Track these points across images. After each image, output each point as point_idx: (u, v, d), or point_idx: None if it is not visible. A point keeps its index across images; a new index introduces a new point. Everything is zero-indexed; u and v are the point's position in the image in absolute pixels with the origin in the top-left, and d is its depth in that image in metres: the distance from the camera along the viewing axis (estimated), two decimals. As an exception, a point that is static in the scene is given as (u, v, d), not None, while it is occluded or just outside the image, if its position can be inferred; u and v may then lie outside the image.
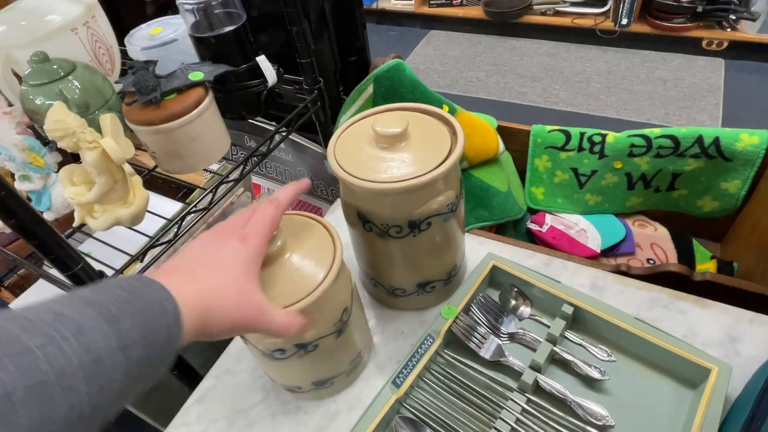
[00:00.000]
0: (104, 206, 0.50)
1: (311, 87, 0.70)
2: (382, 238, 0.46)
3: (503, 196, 0.96)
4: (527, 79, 2.08)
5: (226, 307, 0.31)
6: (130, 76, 0.56)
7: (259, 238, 0.35)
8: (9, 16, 0.70)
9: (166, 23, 0.67)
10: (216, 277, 0.32)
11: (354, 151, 0.45)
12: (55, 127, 0.44)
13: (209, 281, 0.32)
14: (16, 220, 0.38)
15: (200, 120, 0.55)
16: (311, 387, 0.48)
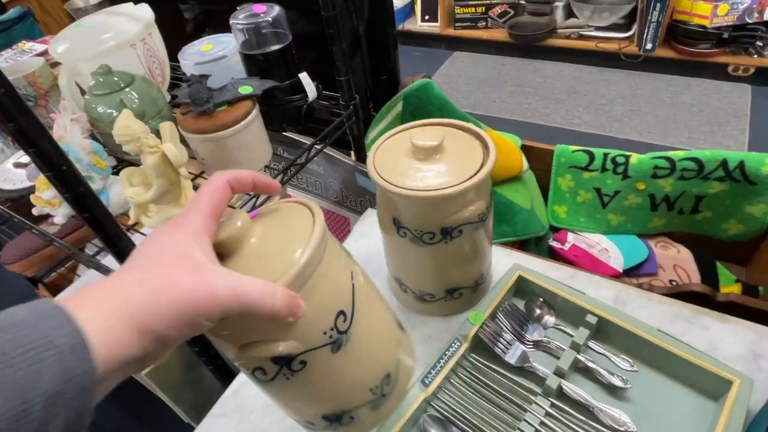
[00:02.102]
0: (158, 206, 0.54)
1: (347, 103, 0.74)
2: (415, 243, 0.49)
3: (526, 214, 0.98)
4: (550, 100, 2.11)
5: (154, 291, 0.25)
6: (185, 88, 0.61)
7: (193, 213, 0.29)
8: (74, 32, 0.76)
9: (216, 41, 0.72)
10: (136, 269, 0.26)
11: (392, 162, 0.48)
12: (123, 132, 0.49)
13: (128, 277, 0.25)
14: (90, 214, 0.42)
15: (248, 130, 0.60)
16: (324, 423, 0.38)
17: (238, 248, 0.31)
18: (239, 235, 0.31)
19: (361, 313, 0.36)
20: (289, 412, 0.42)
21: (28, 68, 0.74)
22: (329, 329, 0.33)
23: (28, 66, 0.75)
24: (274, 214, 0.35)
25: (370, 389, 0.38)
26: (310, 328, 0.32)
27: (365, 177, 0.82)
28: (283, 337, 0.31)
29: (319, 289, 0.32)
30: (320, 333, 0.33)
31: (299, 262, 0.30)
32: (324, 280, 0.32)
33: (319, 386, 0.36)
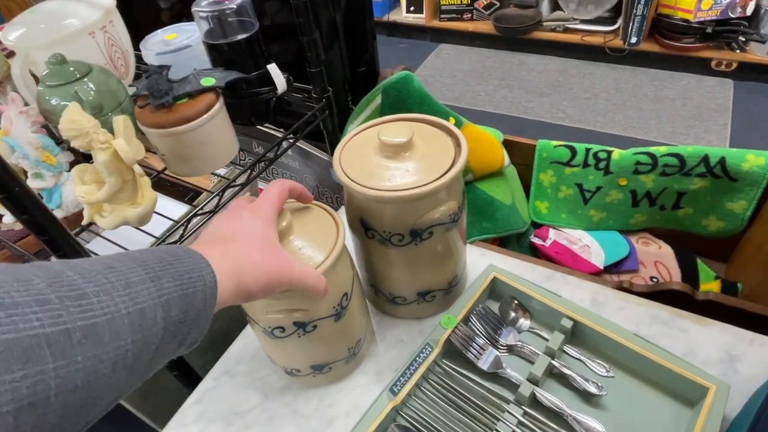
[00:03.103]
0: (113, 206, 0.51)
1: (320, 96, 0.71)
2: (383, 245, 0.47)
3: (507, 209, 0.96)
4: (535, 94, 2.09)
5: (257, 264, 0.34)
6: (143, 80, 0.58)
7: (269, 208, 0.39)
8: (30, 18, 0.72)
9: (181, 30, 0.69)
10: (241, 241, 0.35)
11: (359, 159, 0.46)
12: (70, 127, 0.45)
13: (237, 246, 0.35)
14: (28, 216, 0.39)
15: (210, 124, 0.56)
16: (309, 371, 0.49)
17: (281, 240, 0.41)
18: (284, 231, 0.41)
19: (354, 294, 0.47)
20: (282, 362, 0.50)
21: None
22: (337, 305, 0.45)
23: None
24: (303, 214, 0.45)
25: (348, 348, 0.50)
26: (326, 304, 0.44)
27: (340, 173, 0.80)
28: (307, 307, 0.42)
29: (334, 279, 0.43)
30: (330, 307, 0.44)
31: (330, 258, 0.41)
32: (340, 270, 0.44)
33: (318, 344, 0.47)
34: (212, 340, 0.71)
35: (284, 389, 0.52)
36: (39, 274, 0.22)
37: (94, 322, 0.22)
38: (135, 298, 0.25)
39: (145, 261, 0.27)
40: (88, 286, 0.23)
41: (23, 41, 0.67)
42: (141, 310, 0.25)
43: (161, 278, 0.27)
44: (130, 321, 0.24)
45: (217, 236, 0.36)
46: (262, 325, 0.44)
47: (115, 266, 0.26)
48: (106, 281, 0.24)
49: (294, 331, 0.44)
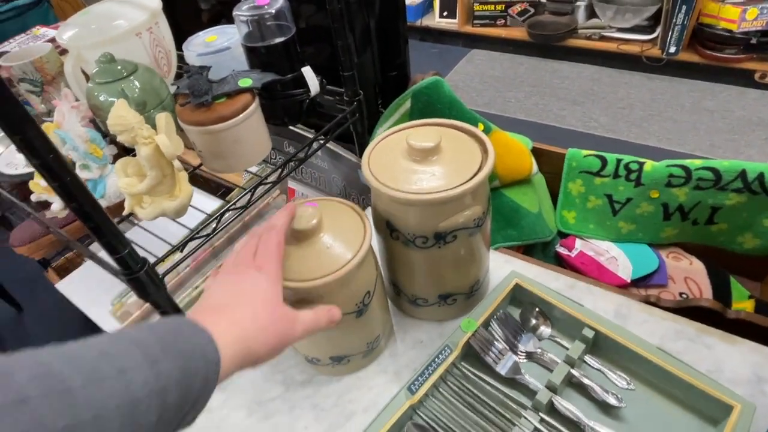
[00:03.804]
0: (152, 198, 0.53)
1: (351, 99, 0.73)
2: (407, 247, 0.48)
3: (533, 217, 0.96)
4: (567, 102, 2.06)
5: (265, 327, 0.34)
6: (185, 80, 0.60)
7: (273, 264, 0.39)
8: (82, 19, 0.76)
9: (222, 32, 0.72)
10: (248, 304, 0.35)
11: (387, 162, 0.47)
12: (117, 122, 0.48)
13: (244, 310, 0.35)
14: (77, 204, 0.42)
15: (245, 124, 0.59)
16: (329, 361, 0.51)
17: (311, 237, 0.44)
18: (314, 229, 0.44)
19: (377, 292, 0.49)
20: (304, 350, 0.53)
21: (36, 54, 0.75)
22: (359, 302, 0.47)
23: (36, 51, 0.75)
24: (333, 212, 0.47)
25: (367, 343, 0.52)
26: (349, 300, 0.46)
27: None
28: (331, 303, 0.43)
29: (359, 278, 0.46)
30: (353, 304, 0.46)
31: (357, 257, 0.43)
32: (365, 269, 0.46)
33: (339, 337, 0.49)
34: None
35: (305, 383, 0.53)
36: (24, 365, 0.21)
37: (79, 421, 0.21)
38: (128, 386, 0.24)
39: (145, 341, 0.26)
40: (75, 379, 0.22)
41: (76, 41, 0.71)
42: (133, 401, 0.24)
43: (160, 361, 0.26)
44: (120, 414, 0.23)
45: (224, 299, 0.36)
46: None
47: (109, 351, 0.24)
48: (97, 370, 0.23)
49: None
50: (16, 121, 0.36)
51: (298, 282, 0.42)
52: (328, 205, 0.48)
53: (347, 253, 0.43)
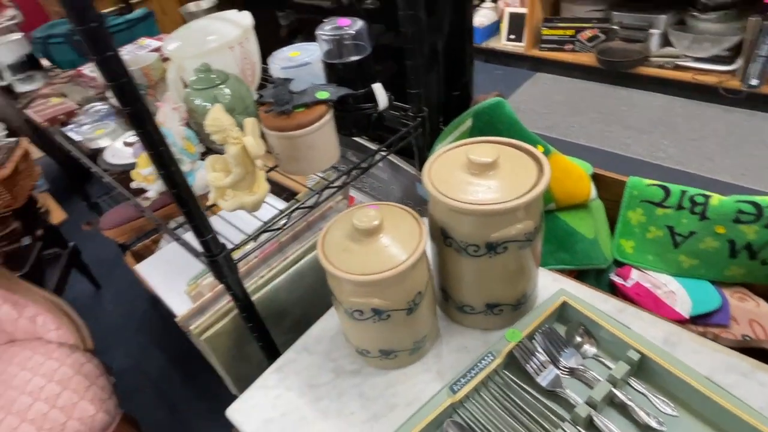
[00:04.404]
0: (234, 192, 0.60)
1: (416, 115, 0.78)
2: (459, 254, 0.51)
3: (588, 243, 0.95)
4: (634, 130, 2.01)
5: None
6: (270, 89, 0.68)
7: None
8: (184, 33, 0.87)
9: (303, 48, 0.79)
10: None
11: (446, 174, 0.51)
12: (213, 124, 0.55)
13: None
14: (177, 191, 0.49)
15: (320, 132, 0.65)
16: (378, 354, 0.55)
17: (372, 236, 0.49)
18: (375, 228, 0.48)
19: (427, 294, 0.52)
20: (356, 341, 0.57)
21: (144, 62, 0.86)
22: (410, 301, 0.50)
23: (144, 60, 0.87)
24: (393, 215, 0.52)
25: (414, 341, 0.55)
26: (401, 298, 0.50)
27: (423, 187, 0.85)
28: (385, 299, 0.48)
29: (412, 278, 0.49)
30: (405, 302, 0.50)
31: (412, 258, 0.47)
32: (418, 270, 0.50)
33: (389, 331, 0.52)
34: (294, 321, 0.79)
35: (354, 372, 0.57)
36: None
37: None
38: None
39: None
40: None
41: (178, 52, 0.81)
42: None
43: None
44: None
45: None
46: (345, 306, 0.50)
47: None
48: None
49: (370, 317, 0.49)
50: (141, 118, 0.43)
51: (358, 275, 0.46)
52: (389, 209, 0.52)
53: (403, 254, 0.47)
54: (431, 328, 0.57)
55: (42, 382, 1.02)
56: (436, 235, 0.53)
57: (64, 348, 1.11)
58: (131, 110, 0.42)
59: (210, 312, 0.65)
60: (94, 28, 0.38)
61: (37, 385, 1.01)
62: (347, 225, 0.51)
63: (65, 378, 1.02)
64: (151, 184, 0.68)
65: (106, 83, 0.41)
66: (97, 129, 0.86)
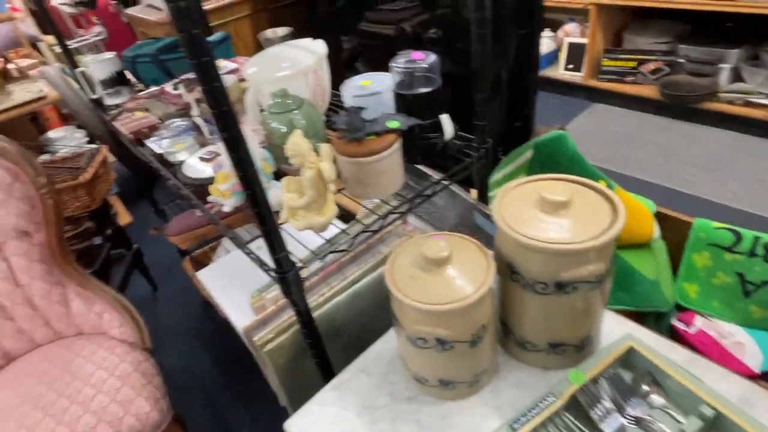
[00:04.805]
0: (305, 212, 0.63)
1: (480, 146, 0.79)
2: (526, 290, 0.51)
3: (649, 285, 0.92)
4: (698, 168, 1.92)
5: None
6: (343, 116, 0.71)
7: None
8: (263, 59, 0.93)
9: (374, 78, 0.82)
10: None
11: (517, 209, 0.51)
12: (294, 148, 0.59)
13: None
14: (259, 209, 0.52)
15: (389, 159, 0.67)
16: (436, 383, 0.55)
17: (440, 266, 0.50)
18: (444, 260, 0.50)
19: (490, 327, 0.54)
20: (415, 368, 0.57)
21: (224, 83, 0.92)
22: (474, 333, 0.51)
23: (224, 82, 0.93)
24: (461, 248, 0.53)
25: (474, 374, 0.56)
26: (466, 330, 0.50)
27: (484, 217, 0.85)
28: (451, 330, 0.49)
29: (478, 311, 0.50)
30: (469, 333, 0.51)
31: (479, 292, 0.48)
32: (484, 303, 0.51)
33: (450, 363, 0.53)
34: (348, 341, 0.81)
35: (410, 399, 0.58)
36: None
37: None
38: None
39: None
40: None
41: (256, 77, 0.87)
42: None
43: None
44: None
45: None
46: (408, 333, 0.51)
47: None
48: None
49: (433, 346, 0.50)
50: (236, 142, 0.47)
51: (426, 304, 0.47)
52: (455, 239, 0.53)
53: (471, 286, 0.48)
54: (491, 361, 0.57)
55: (104, 375, 1.08)
56: (503, 269, 0.53)
57: (125, 345, 1.17)
58: (228, 135, 0.46)
59: (272, 325, 0.67)
60: (205, 62, 0.42)
61: (100, 378, 1.07)
62: (415, 253, 0.52)
63: (125, 374, 1.08)
64: (226, 199, 0.72)
65: (211, 109, 0.45)
66: (176, 143, 0.93)
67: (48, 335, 1.21)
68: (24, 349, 1.19)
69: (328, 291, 0.71)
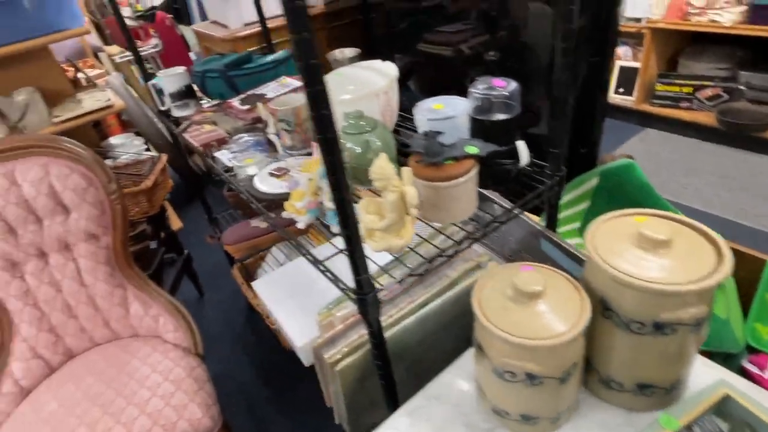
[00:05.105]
0: (383, 234, 0.64)
1: (554, 173, 0.78)
2: (619, 328, 0.49)
3: (720, 324, 0.88)
4: (762, 199, 1.84)
5: None
6: (419, 139, 0.71)
7: None
8: (335, 79, 0.95)
9: (446, 101, 0.83)
10: None
11: (611, 244, 0.50)
12: (379, 172, 0.60)
13: None
14: (348, 231, 0.53)
15: (466, 184, 0.67)
16: (518, 418, 0.55)
17: (532, 300, 0.50)
18: (536, 294, 0.50)
19: (579, 365, 0.53)
20: (496, 400, 0.56)
21: (295, 103, 0.95)
22: (566, 370, 0.51)
23: (295, 101, 0.95)
24: (555, 282, 0.52)
25: (558, 410, 0.55)
26: (558, 366, 0.50)
27: (552, 245, 0.84)
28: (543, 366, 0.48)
29: (573, 347, 0.50)
30: (560, 370, 0.50)
31: (573, 331, 0.47)
32: (578, 342, 0.50)
33: (536, 398, 0.53)
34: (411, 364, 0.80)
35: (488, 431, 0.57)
36: None
37: None
38: None
39: None
40: None
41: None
42: None
43: None
44: None
45: None
46: (495, 365, 0.50)
47: None
48: None
49: (522, 380, 0.49)
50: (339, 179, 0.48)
51: (519, 337, 0.46)
52: (546, 272, 0.52)
53: (566, 322, 0.47)
54: (576, 399, 0.55)
55: (159, 379, 1.11)
56: (594, 304, 0.52)
57: (179, 350, 1.20)
58: (330, 160, 0.47)
59: (342, 344, 0.68)
60: (319, 91, 0.44)
61: (156, 381, 1.10)
62: (504, 283, 0.52)
63: (179, 379, 1.10)
64: (301, 216, 0.74)
65: (317, 134, 0.46)
66: (246, 158, 0.95)
67: (106, 335, 1.25)
68: (83, 348, 1.23)
69: (396, 312, 0.71)
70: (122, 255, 1.23)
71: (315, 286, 1.12)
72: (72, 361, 1.20)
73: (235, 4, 1.56)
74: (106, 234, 1.19)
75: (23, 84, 1.73)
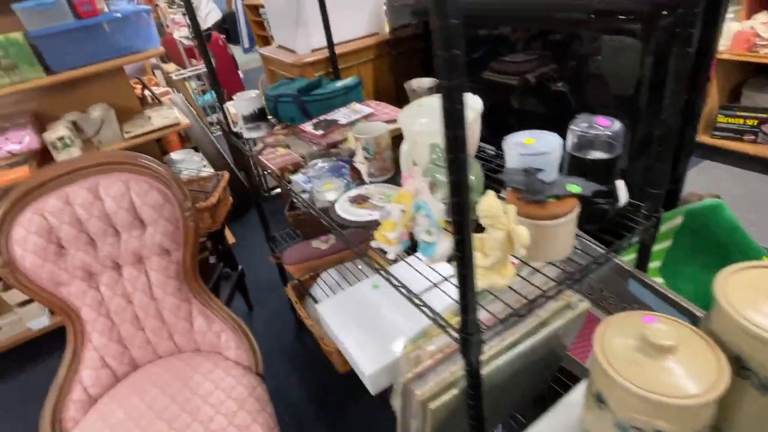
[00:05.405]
0: (486, 271, 0.63)
1: (651, 214, 0.75)
2: (757, 390, 0.47)
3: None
4: (836, 241, 1.74)
5: None
6: (516, 174, 0.71)
7: None
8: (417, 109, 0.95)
9: (537, 136, 0.82)
10: None
11: (747, 296, 0.48)
12: (487, 209, 0.59)
13: None
14: (465, 272, 0.52)
15: (568, 224, 0.66)
16: None
17: (665, 353, 0.47)
18: (666, 348, 0.47)
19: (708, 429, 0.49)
20: None
21: (377, 132, 0.96)
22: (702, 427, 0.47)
23: (377, 130, 0.97)
24: (691, 342, 0.49)
25: None
26: (690, 427, 0.47)
27: (643, 287, 0.81)
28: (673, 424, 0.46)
29: (707, 411, 0.47)
30: (692, 430, 0.47)
31: (713, 395, 0.45)
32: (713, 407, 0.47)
33: None
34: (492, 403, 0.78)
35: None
36: None
37: None
38: None
39: None
40: None
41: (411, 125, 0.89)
42: None
43: None
44: None
45: None
46: (620, 418, 0.48)
47: None
48: None
49: None
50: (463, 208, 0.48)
51: (659, 396, 0.44)
52: (674, 324, 0.50)
53: (702, 381, 0.45)
54: None
55: (222, 396, 1.11)
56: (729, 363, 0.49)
57: (240, 368, 1.21)
58: (456, 180, 0.47)
59: (434, 380, 0.67)
60: (459, 134, 0.44)
61: (218, 399, 1.10)
62: (630, 333, 0.50)
63: (241, 398, 1.11)
64: (391, 246, 0.74)
65: (449, 154, 0.46)
66: (326, 184, 0.97)
67: (169, 348, 1.27)
68: (147, 359, 1.26)
69: (488, 350, 0.69)
70: (190, 270, 1.26)
71: (379, 313, 1.11)
72: (135, 373, 1.23)
73: (304, 30, 1.61)
74: (177, 249, 1.23)
75: (98, 100, 1.83)
